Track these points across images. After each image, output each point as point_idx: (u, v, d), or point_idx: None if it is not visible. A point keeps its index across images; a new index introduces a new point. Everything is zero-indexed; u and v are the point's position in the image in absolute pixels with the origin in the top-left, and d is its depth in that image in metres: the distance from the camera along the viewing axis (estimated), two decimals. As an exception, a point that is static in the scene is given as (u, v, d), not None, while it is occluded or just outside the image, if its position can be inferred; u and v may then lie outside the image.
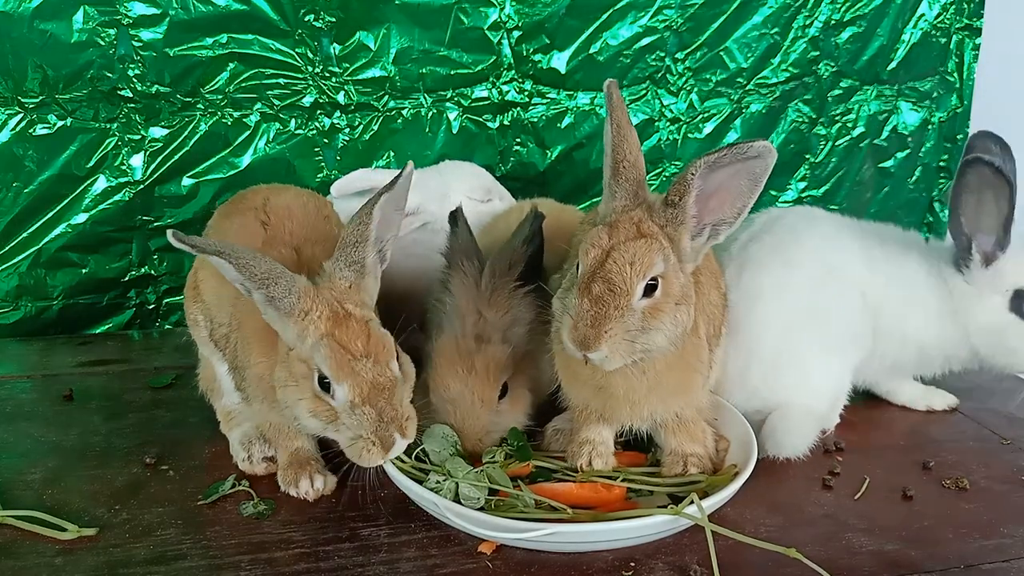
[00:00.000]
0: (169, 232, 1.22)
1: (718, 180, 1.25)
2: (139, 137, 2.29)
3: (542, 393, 1.55)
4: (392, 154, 2.46)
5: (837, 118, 2.77)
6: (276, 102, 2.35)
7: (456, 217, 1.61)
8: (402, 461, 1.41)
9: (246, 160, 2.36)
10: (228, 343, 1.47)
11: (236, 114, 2.33)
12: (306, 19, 2.30)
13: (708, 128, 2.67)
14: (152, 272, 2.41)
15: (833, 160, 2.81)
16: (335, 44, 2.34)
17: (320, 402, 1.28)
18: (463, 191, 2.03)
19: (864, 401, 1.87)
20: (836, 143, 2.79)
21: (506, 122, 2.53)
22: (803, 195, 2.82)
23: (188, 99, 2.29)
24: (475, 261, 1.55)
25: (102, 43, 2.19)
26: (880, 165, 2.86)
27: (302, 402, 1.29)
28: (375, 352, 1.27)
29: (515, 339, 1.51)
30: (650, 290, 1.24)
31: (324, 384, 1.27)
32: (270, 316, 1.29)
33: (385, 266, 1.42)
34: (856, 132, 2.79)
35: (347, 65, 2.37)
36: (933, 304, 1.70)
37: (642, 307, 1.24)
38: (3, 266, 2.29)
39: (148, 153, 2.31)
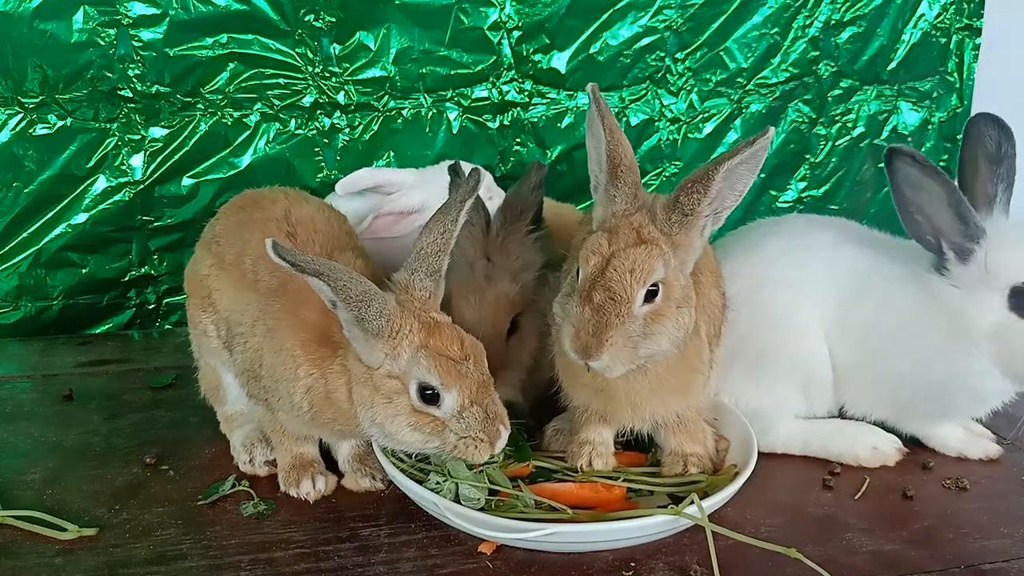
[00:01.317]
0: (268, 242, 1.17)
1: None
2: (139, 137, 2.29)
3: (549, 350, 1.55)
4: (392, 154, 2.46)
5: (837, 118, 2.77)
6: (276, 102, 2.35)
7: (457, 169, 1.62)
8: (402, 461, 1.41)
9: (246, 160, 2.36)
10: (246, 347, 1.42)
11: (236, 114, 2.33)
12: (306, 19, 2.30)
13: (708, 128, 2.66)
14: (152, 272, 2.41)
15: (833, 160, 2.81)
16: (335, 44, 2.34)
17: (421, 415, 1.25)
18: None
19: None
20: (836, 143, 2.79)
21: (506, 122, 2.53)
22: (803, 195, 2.82)
23: (188, 99, 2.29)
24: (480, 211, 1.57)
25: (102, 43, 2.19)
26: (880, 165, 2.86)
27: (400, 418, 1.26)
28: (473, 353, 1.26)
29: (524, 281, 1.54)
30: (651, 296, 1.24)
31: (427, 396, 1.24)
32: (354, 335, 1.25)
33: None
34: (856, 132, 2.79)
35: (347, 65, 2.37)
36: (929, 330, 1.52)
37: (643, 313, 1.24)
38: (3, 266, 2.29)
39: (148, 153, 2.31)
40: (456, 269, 1.54)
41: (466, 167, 2.18)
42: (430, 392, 1.24)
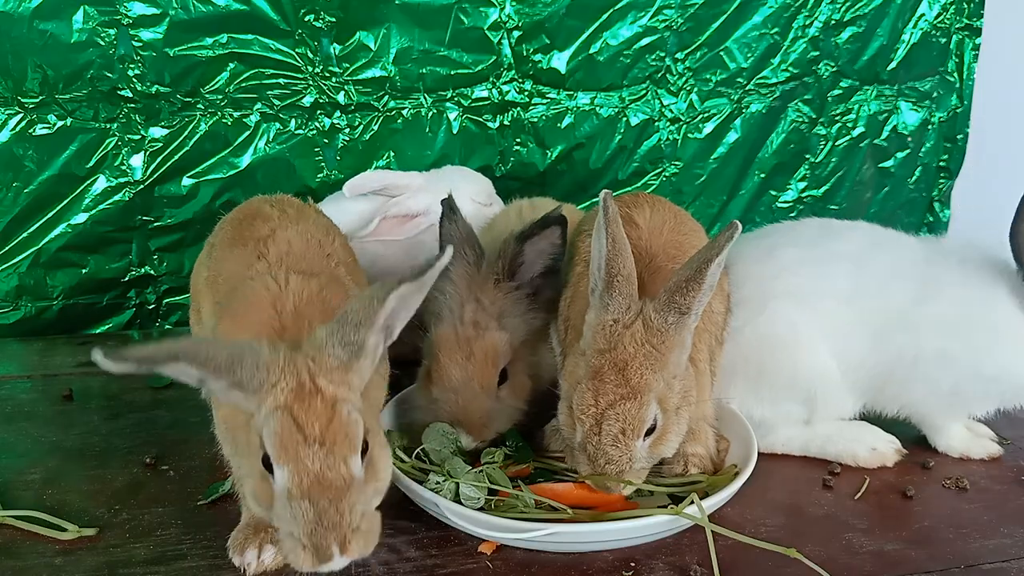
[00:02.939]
0: (96, 352, 0.99)
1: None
2: (139, 137, 2.29)
3: (542, 380, 1.55)
4: (392, 154, 2.46)
5: (837, 118, 2.77)
6: (276, 102, 2.35)
7: (451, 205, 1.61)
8: (402, 461, 1.41)
9: (246, 160, 2.36)
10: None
11: (236, 114, 2.33)
12: (306, 19, 2.30)
13: (708, 128, 2.67)
14: (152, 272, 2.41)
15: (833, 160, 2.81)
16: (335, 44, 2.34)
17: (263, 484, 1.08)
18: (469, 194, 2.07)
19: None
20: (836, 143, 2.79)
21: (506, 122, 2.53)
22: (803, 195, 2.82)
23: (188, 99, 2.29)
24: (474, 248, 1.56)
25: (102, 43, 2.19)
26: (880, 165, 2.86)
27: (248, 480, 1.12)
28: (332, 440, 1.04)
29: (511, 327, 1.52)
30: (651, 430, 1.29)
31: (266, 461, 1.07)
32: (233, 397, 1.08)
33: (391, 341, 1.20)
34: (856, 132, 2.79)
35: (347, 65, 2.37)
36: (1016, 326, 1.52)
37: (647, 445, 1.29)
38: (3, 266, 2.29)
39: (148, 153, 2.31)
40: (446, 307, 1.53)
41: (464, 169, 2.21)
42: (267, 459, 1.06)
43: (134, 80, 2.24)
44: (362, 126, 2.43)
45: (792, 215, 2.80)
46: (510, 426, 1.53)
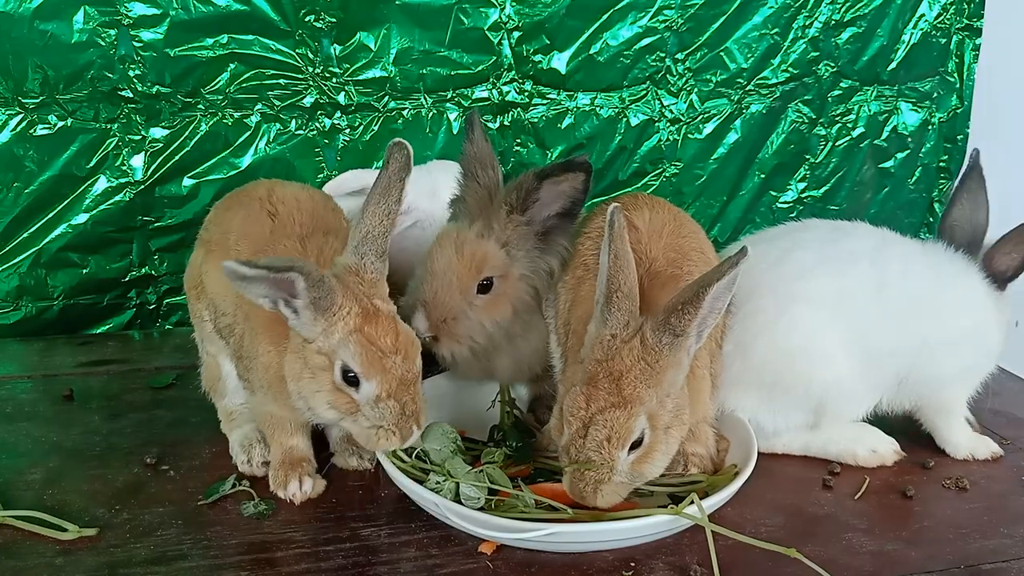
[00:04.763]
0: (226, 265, 1.18)
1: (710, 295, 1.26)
2: (139, 137, 2.29)
3: (523, 352, 1.58)
4: (392, 154, 2.46)
5: (837, 118, 2.77)
6: (276, 102, 2.35)
7: (472, 122, 1.60)
8: (402, 461, 1.41)
9: (247, 160, 2.36)
10: (233, 333, 1.47)
11: (237, 114, 2.33)
12: (306, 19, 2.30)
13: (708, 128, 2.67)
14: (152, 272, 2.41)
15: (833, 160, 2.81)
16: (335, 44, 2.34)
17: (340, 394, 1.29)
18: (452, 188, 2.05)
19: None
20: (836, 143, 2.79)
21: (506, 123, 2.53)
22: (803, 195, 2.82)
23: (188, 99, 2.29)
24: (490, 170, 1.56)
25: (102, 43, 2.19)
26: (880, 165, 2.86)
27: (320, 394, 1.30)
28: (404, 348, 1.29)
29: (514, 258, 1.52)
30: (637, 443, 1.27)
31: (349, 378, 1.28)
32: (305, 317, 1.27)
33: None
34: (856, 132, 2.79)
35: (347, 65, 2.37)
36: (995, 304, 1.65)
37: (631, 460, 1.28)
38: (3, 266, 2.29)
39: (148, 153, 2.31)
40: (454, 219, 1.57)
41: (448, 163, 2.19)
42: (352, 375, 1.28)
43: (135, 80, 2.24)
44: (362, 126, 2.43)
45: (792, 216, 2.80)
46: (471, 339, 1.51)
